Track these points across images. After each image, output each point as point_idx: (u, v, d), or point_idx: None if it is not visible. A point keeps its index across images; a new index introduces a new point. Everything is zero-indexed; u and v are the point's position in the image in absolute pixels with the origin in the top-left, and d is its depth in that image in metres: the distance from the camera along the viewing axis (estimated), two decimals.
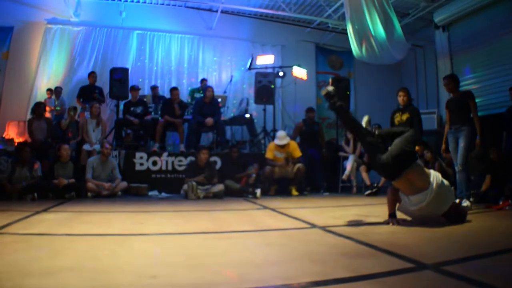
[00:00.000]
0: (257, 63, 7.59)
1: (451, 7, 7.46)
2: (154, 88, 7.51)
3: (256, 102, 7.34)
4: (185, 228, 2.63)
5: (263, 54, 8.06)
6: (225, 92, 7.88)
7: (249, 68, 7.55)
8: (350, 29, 6.77)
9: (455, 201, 2.76)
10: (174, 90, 6.52)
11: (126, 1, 8.09)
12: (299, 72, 7.81)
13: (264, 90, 7.08)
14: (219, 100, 7.02)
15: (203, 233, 2.40)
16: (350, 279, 1.31)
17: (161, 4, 8.41)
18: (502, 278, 1.36)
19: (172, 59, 8.39)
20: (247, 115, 7.17)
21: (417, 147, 4.54)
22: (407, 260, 1.58)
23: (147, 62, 8.23)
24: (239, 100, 7.95)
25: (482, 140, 4.03)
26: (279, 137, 5.89)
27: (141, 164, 5.85)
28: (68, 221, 2.76)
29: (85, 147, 5.75)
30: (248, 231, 2.46)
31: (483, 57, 7.17)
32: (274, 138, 6.28)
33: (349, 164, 6.26)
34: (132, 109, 6.40)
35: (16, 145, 5.58)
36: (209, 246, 1.97)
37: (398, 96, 4.72)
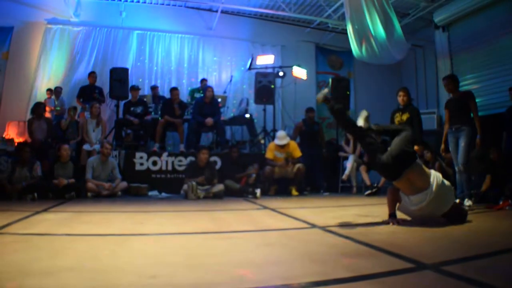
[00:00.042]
0: (257, 63, 7.59)
1: (451, 7, 7.46)
2: (154, 88, 7.52)
3: (256, 102, 7.34)
4: (185, 228, 2.63)
5: (263, 54, 8.05)
6: (225, 92, 7.88)
7: (249, 68, 7.55)
8: (350, 29, 6.77)
9: (455, 201, 2.76)
10: (174, 90, 6.53)
11: (126, 1, 8.10)
12: (299, 72, 7.80)
13: (264, 90, 7.08)
14: (219, 100, 7.02)
15: (203, 233, 2.40)
16: (350, 279, 1.31)
17: (161, 4, 8.41)
18: (502, 278, 1.36)
19: (172, 59, 8.39)
20: (247, 115, 7.18)
21: (417, 147, 4.54)
22: (407, 260, 1.58)
23: (147, 62, 8.23)
24: (239, 100, 7.95)
25: (482, 140, 4.03)
26: (279, 137, 5.89)
27: (141, 164, 5.86)
28: (68, 221, 2.76)
29: (85, 147, 5.76)
30: (248, 231, 2.46)
31: (483, 57, 7.17)
32: (274, 138, 6.29)
33: (349, 164, 6.26)
34: (132, 109, 6.40)
35: (16, 145, 5.58)
36: (209, 246, 1.97)
37: (398, 96, 4.72)
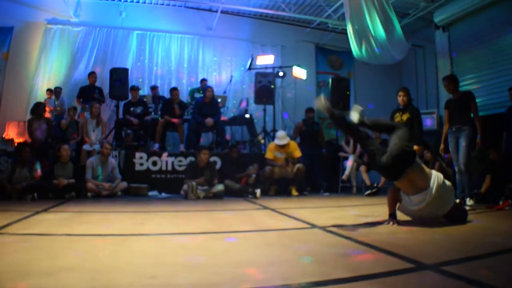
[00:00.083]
0: (257, 63, 7.58)
1: (451, 7, 7.46)
2: (154, 88, 7.52)
3: (256, 102, 7.33)
4: (185, 228, 2.63)
5: (263, 54, 8.04)
6: (225, 92, 7.87)
7: (249, 68, 7.54)
8: (350, 29, 6.78)
9: (455, 202, 2.76)
10: (174, 90, 6.53)
11: (126, 1, 8.10)
12: (299, 72, 7.80)
13: (264, 90, 7.09)
14: (219, 100, 7.02)
15: (203, 233, 2.40)
16: (350, 279, 1.31)
17: (161, 4, 8.41)
18: (502, 278, 1.36)
19: (172, 59, 8.39)
20: (247, 115, 7.17)
21: (417, 147, 4.54)
22: (407, 260, 1.58)
23: (147, 62, 8.23)
24: (239, 100, 7.95)
25: (483, 140, 4.03)
26: (279, 137, 5.89)
27: (141, 164, 5.86)
28: (68, 221, 2.76)
29: (85, 147, 5.76)
30: (248, 231, 2.46)
31: (483, 57, 7.17)
32: (274, 138, 6.28)
33: (349, 164, 6.25)
34: (132, 109, 6.40)
35: (16, 145, 5.58)
36: (209, 246, 1.97)
37: (398, 96, 4.72)
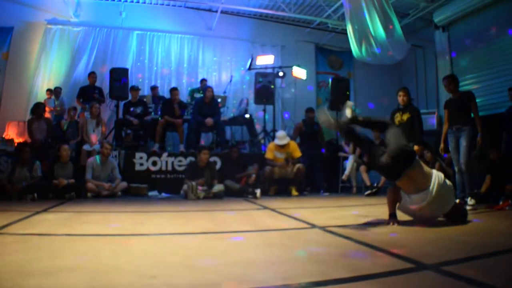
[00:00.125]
0: (257, 63, 7.58)
1: (451, 7, 7.46)
2: (154, 88, 7.52)
3: (256, 102, 7.34)
4: (185, 228, 2.62)
5: (263, 54, 8.04)
6: (225, 92, 7.87)
7: (249, 68, 7.54)
8: (350, 29, 6.78)
9: (455, 202, 2.76)
10: (174, 90, 6.53)
11: (126, 1, 8.10)
12: (299, 72, 7.80)
13: (264, 90, 7.09)
14: (219, 100, 7.02)
15: (203, 233, 2.40)
16: (350, 279, 1.31)
17: (161, 4, 8.41)
18: (502, 278, 1.36)
19: (172, 59, 8.39)
20: (247, 115, 7.17)
21: (417, 147, 4.54)
22: (407, 260, 1.58)
23: (147, 62, 8.23)
24: (239, 100, 7.95)
25: (483, 139, 4.03)
26: (279, 137, 5.89)
27: (141, 164, 5.86)
28: (68, 221, 2.76)
29: (85, 147, 5.76)
30: (248, 231, 2.46)
31: (483, 57, 7.17)
32: (274, 138, 6.28)
33: (349, 164, 6.25)
34: (132, 109, 6.40)
35: (16, 145, 5.58)
36: (209, 246, 1.97)
37: (398, 96, 4.72)
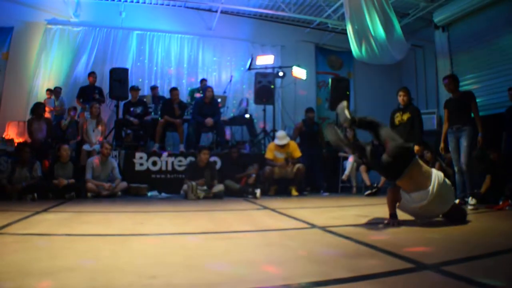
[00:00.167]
0: (257, 63, 7.58)
1: (451, 7, 7.46)
2: (154, 88, 7.52)
3: (256, 102, 7.33)
4: (185, 229, 2.63)
5: (263, 54, 8.04)
6: (224, 92, 7.87)
7: (249, 68, 7.54)
8: (350, 29, 6.77)
9: (455, 202, 2.77)
10: (173, 90, 6.53)
11: (126, 1, 8.09)
12: (299, 72, 7.80)
13: (264, 90, 7.08)
14: (219, 100, 7.02)
15: (203, 233, 2.40)
16: (350, 279, 1.31)
17: (160, 4, 8.41)
18: (502, 278, 1.36)
19: (172, 59, 8.39)
20: (247, 115, 7.17)
21: (417, 147, 4.54)
22: (407, 260, 1.58)
23: (147, 62, 8.23)
24: (238, 100, 7.95)
25: (484, 138, 4.03)
26: (279, 137, 5.89)
27: (141, 164, 5.85)
28: (68, 221, 2.76)
29: (85, 147, 5.75)
30: (248, 231, 2.46)
31: (483, 57, 7.17)
32: (274, 138, 6.28)
33: (349, 164, 6.25)
34: (132, 109, 6.40)
35: (16, 145, 5.58)
36: (209, 246, 1.97)
37: (398, 95, 4.72)
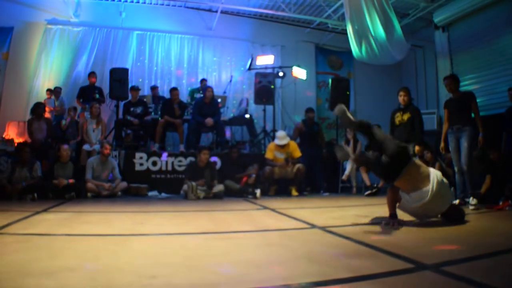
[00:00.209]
0: (257, 64, 7.57)
1: (451, 7, 7.46)
2: (154, 88, 7.52)
3: (256, 103, 7.33)
4: (185, 229, 2.63)
5: (263, 55, 8.03)
6: (225, 92, 7.87)
7: (249, 69, 7.54)
8: (350, 29, 6.77)
9: (453, 202, 2.77)
10: (174, 90, 6.53)
11: (126, 1, 8.10)
12: (299, 72, 7.80)
13: (264, 90, 7.08)
14: (219, 100, 7.02)
15: (203, 233, 2.40)
16: (350, 279, 1.31)
17: (160, 5, 8.41)
18: (502, 279, 1.36)
19: (172, 59, 8.39)
20: (247, 115, 7.17)
21: (417, 147, 4.54)
22: (407, 260, 1.58)
23: (147, 62, 8.23)
24: (238, 100, 7.94)
25: (485, 138, 4.03)
26: (279, 137, 5.89)
27: (141, 164, 5.85)
28: (68, 221, 2.76)
29: (85, 147, 5.75)
30: (248, 231, 2.46)
31: (483, 57, 7.17)
32: (274, 138, 6.28)
33: (349, 164, 6.25)
34: (132, 109, 6.39)
35: (16, 145, 5.58)
36: (209, 246, 1.97)
37: (398, 95, 4.72)
